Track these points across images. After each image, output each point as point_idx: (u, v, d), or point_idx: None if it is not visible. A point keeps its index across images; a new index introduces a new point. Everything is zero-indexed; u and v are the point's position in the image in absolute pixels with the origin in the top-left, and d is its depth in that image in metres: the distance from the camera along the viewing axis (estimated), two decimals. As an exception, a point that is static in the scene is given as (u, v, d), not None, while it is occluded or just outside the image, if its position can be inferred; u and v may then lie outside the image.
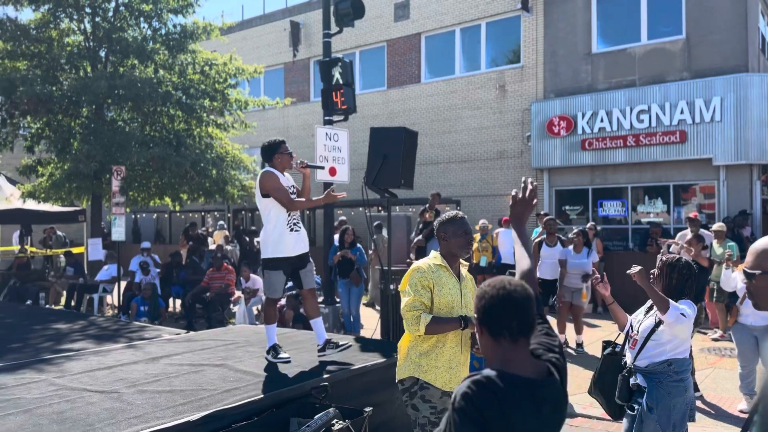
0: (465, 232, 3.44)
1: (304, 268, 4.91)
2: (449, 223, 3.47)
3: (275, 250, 4.76)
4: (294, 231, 4.82)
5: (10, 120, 11.67)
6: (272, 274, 4.82)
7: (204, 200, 12.66)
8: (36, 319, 7.44)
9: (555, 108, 14.82)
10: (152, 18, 12.15)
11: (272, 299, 4.96)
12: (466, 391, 1.64)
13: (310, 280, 4.94)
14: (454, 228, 3.44)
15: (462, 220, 3.47)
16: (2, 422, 3.45)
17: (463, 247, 3.44)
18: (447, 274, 3.42)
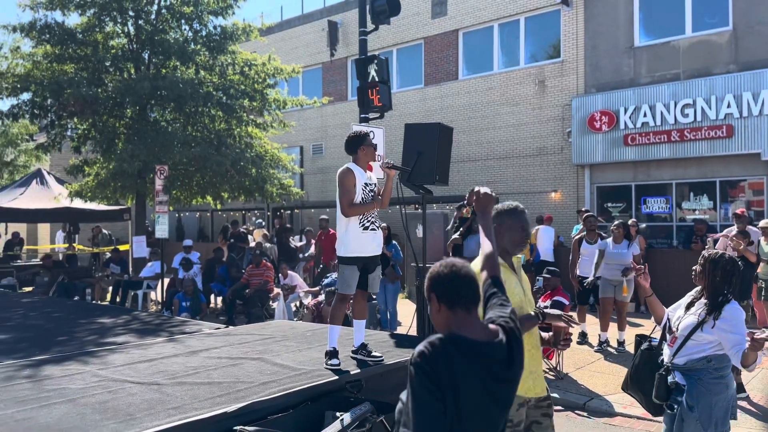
0: (522, 228, 3.14)
1: (372, 273, 4.75)
2: (507, 214, 3.16)
3: (348, 250, 4.62)
4: (370, 230, 4.65)
5: (58, 121, 12.09)
6: (346, 269, 4.64)
7: (244, 199, 12.87)
8: (82, 314, 7.69)
9: (596, 103, 14.55)
10: (193, 20, 12.40)
11: (344, 295, 4.73)
12: (423, 350, 1.86)
13: (375, 285, 4.79)
14: (512, 222, 3.14)
15: (522, 215, 3.16)
16: (48, 411, 3.57)
17: (518, 244, 3.15)
18: (508, 272, 3.13)
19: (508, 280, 3.08)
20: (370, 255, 4.66)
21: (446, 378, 1.84)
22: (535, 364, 3.15)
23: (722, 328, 3.38)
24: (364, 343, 4.77)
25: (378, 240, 4.73)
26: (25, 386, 4.12)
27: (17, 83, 11.49)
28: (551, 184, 15.68)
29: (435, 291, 2.02)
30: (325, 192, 20.29)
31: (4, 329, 6.51)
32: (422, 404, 1.83)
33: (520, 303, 3.09)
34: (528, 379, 3.09)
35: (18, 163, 22.27)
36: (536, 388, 3.15)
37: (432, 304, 2.04)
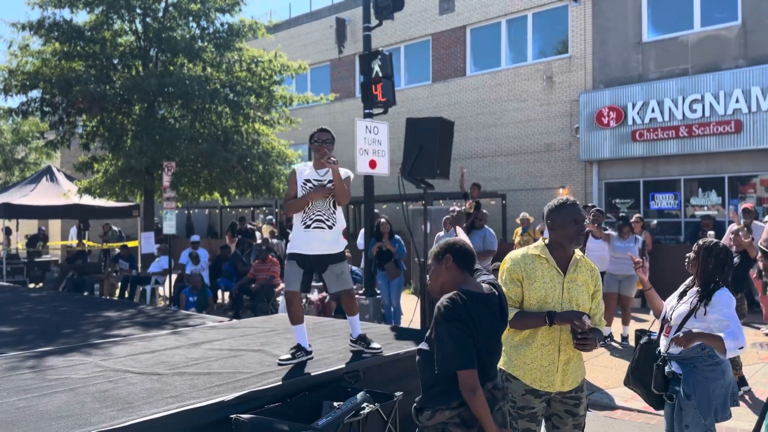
0: (575, 220, 3.06)
1: (325, 272, 4.58)
2: (557, 210, 3.11)
3: (290, 246, 4.60)
4: (314, 228, 4.48)
5: (67, 119, 12.20)
6: (288, 265, 4.59)
7: (251, 195, 12.94)
8: (89, 308, 7.78)
9: (604, 98, 14.49)
10: (200, 17, 12.46)
11: (290, 292, 4.55)
12: (448, 303, 2.55)
13: (333, 285, 4.60)
14: (563, 216, 3.08)
15: (572, 207, 3.10)
16: (49, 399, 3.64)
17: (573, 237, 3.07)
18: (545, 266, 3.10)
19: (542, 273, 3.09)
20: (312, 254, 4.49)
21: (467, 317, 2.52)
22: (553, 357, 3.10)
23: (712, 314, 3.39)
24: (362, 335, 4.75)
25: (324, 239, 4.49)
26: (28, 376, 4.19)
27: (26, 81, 11.62)
28: (559, 180, 15.64)
29: (451, 253, 2.71)
30: (333, 189, 20.33)
31: (12, 322, 6.61)
32: (456, 337, 2.51)
33: (542, 298, 3.06)
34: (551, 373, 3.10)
35: (29, 160, 22.52)
36: (559, 383, 3.12)
37: (443, 264, 2.72)
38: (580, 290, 3.10)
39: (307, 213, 4.49)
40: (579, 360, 3.21)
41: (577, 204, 3.14)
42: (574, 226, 3.06)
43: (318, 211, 4.49)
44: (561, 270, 3.11)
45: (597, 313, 3.20)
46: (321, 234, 4.49)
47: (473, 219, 9.24)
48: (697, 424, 3.37)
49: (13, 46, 11.99)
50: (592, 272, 3.20)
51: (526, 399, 3.12)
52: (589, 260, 3.27)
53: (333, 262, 4.57)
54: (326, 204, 4.52)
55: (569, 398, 3.15)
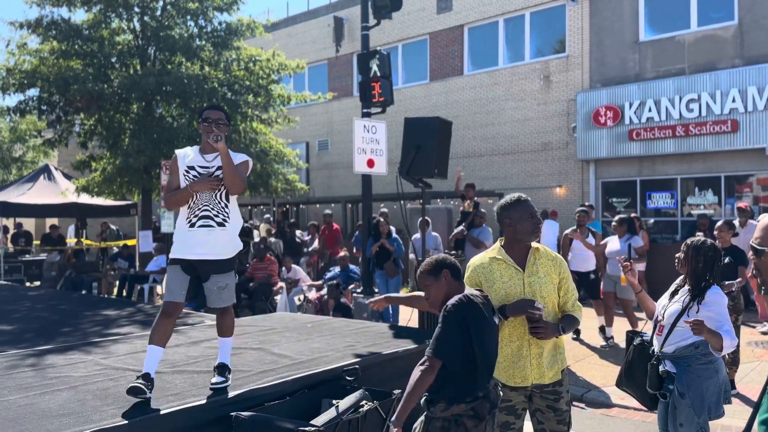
0: (531, 215, 3.16)
1: (206, 281, 3.75)
2: (513, 206, 3.19)
3: (172, 249, 3.77)
4: (199, 227, 3.67)
5: (64, 117, 12.21)
6: (168, 270, 3.76)
7: (249, 194, 12.95)
8: (87, 306, 7.79)
9: (601, 98, 14.54)
10: (198, 16, 12.47)
11: (168, 303, 3.67)
12: (456, 302, 2.77)
13: (213, 299, 3.79)
14: (519, 212, 3.16)
15: (527, 203, 3.20)
16: (50, 397, 3.66)
17: (531, 232, 3.16)
18: (502, 266, 3.18)
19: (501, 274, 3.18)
20: (194, 258, 3.68)
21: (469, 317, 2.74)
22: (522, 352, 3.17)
23: (705, 312, 3.43)
24: (226, 364, 3.88)
25: (210, 240, 3.67)
26: (29, 374, 4.21)
27: (24, 79, 11.61)
28: (556, 179, 15.69)
29: (448, 268, 2.94)
30: (330, 187, 20.37)
31: (11, 320, 6.62)
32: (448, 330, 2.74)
33: (504, 297, 3.13)
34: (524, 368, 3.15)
35: (26, 158, 22.49)
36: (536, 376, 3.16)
37: (441, 279, 2.92)
38: (542, 282, 3.16)
39: (192, 208, 3.67)
40: (555, 351, 3.23)
41: (530, 200, 3.25)
42: (531, 221, 3.17)
43: (204, 205, 3.67)
44: (519, 266, 3.18)
45: (568, 300, 3.23)
46: (208, 235, 3.66)
47: (472, 218, 9.29)
48: (691, 422, 3.41)
49: (11, 44, 12.01)
50: (554, 261, 3.24)
51: (503, 392, 3.17)
52: (549, 250, 3.32)
53: (217, 272, 3.73)
54: (215, 196, 3.69)
55: (548, 392, 3.17)
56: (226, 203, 3.73)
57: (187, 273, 3.71)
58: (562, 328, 3.13)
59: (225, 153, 3.59)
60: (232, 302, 3.89)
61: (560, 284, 3.22)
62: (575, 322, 3.24)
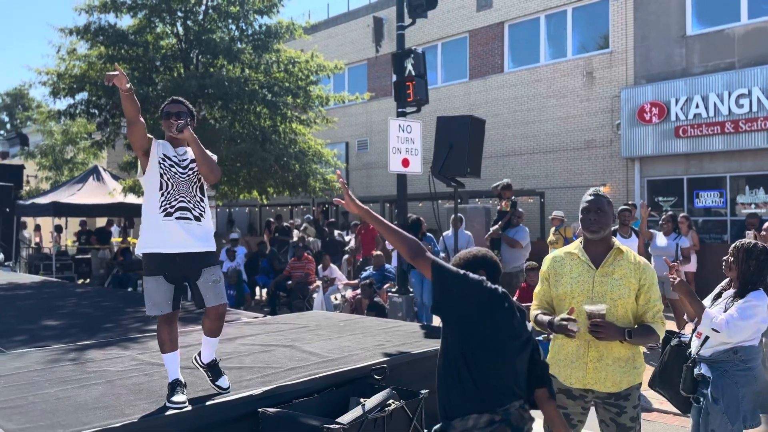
0: (586, 210, 3.07)
1: (199, 279, 3.53)
2: (582, 202, 3.14)
3: (144, 243, 3.50)
4: (176, 219, 3.46)
5: (111, 120, 12.58)
6: (147, 281, 3.51)
7: (288, 193, 13.12)
8: (130, 303, 8.03)
9: (646, 94, 14.16)
10: (239, 19, 12.67)
11: (161, 317, 3.56)
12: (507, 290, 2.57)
13: (211, 296, 3.57)
14: (581, 206, 3.12)
15: (590, 199, 3.09)
16: (87, 391, 3.79)
17: (584, 228, 3.09)
18: (575, 262, 3.11)
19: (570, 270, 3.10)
20: (178, 251, 3.46)
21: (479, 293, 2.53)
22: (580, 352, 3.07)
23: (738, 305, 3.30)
24: (213, 362, 3.78)
25: (192, 232, 3.49)
26: (69, 368, 4.37)
27: (74, 84, 12.03)
28: (600, 177, 15.36)
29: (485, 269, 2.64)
30: (369, 187, 20.44)
31: (57, 316, 6.88)
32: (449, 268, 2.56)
33: (569, 294, 3.05)
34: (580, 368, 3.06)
35: (77, 160, 23.30)
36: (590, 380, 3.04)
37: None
38: (616, 284, 3.02)
39: (167, 197, 3.46)
40: (626, 363, 3.06)
41: (598, 194, 3.11)
42: (585, 215, 3.09)
43: (181, 196, 3.49)
44: (593, 264, 3.07)
45: (648, 310, 3.04)
46: (187, 227, 3.47)
47: (509, 217, 9.18)
48: (724, 429, 3.29)
49: (62, 50, 12.43)
50: (637, 266, 3.06)
51: (560, 398, 3.09)
52: (637, 255, 3.15)
53: (207, 264, 3.55)
54: (191, 188, 3.54)
55: (610, 404, 3.06)
56: (201, 197, 3.60)
57: (170, 282, 3.51)
58: (629, 333, 2.93)
59: (192, 139, 3.42)
60: (223, 300, 3.65)
61: (640, 291, 3.04)
62: (650, 334, 3.02)
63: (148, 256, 3.51)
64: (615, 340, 2.97)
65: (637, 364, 3.10)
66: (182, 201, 3.48)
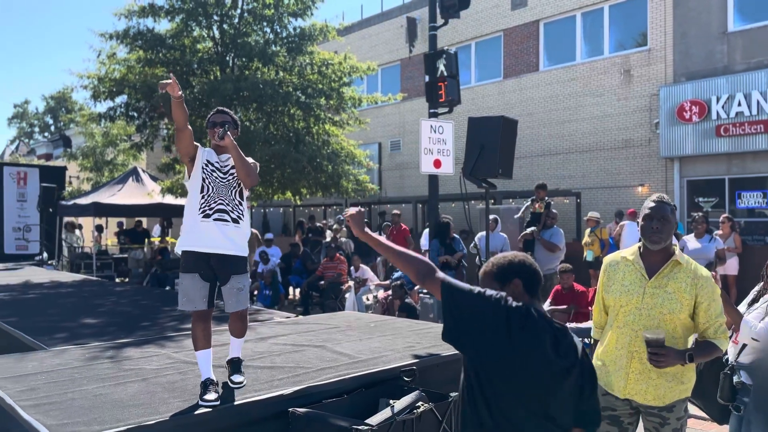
0: (649, 216, 2.90)
1: (225, 284, 3.66)
2: (644, 206, 2.99)
3: (182, 241, 3.69)
4: (213, 220, 3.62)
5: (150, 122, 12.87)
6: (184, 278, 3.66)
7: (321, 194, 13.21)
8: (167, 302, 8.19)
9: (686, 92, 13.84)
10: (273, 22, 12.82)
11: (195, 313, 3.68)
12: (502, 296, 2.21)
13: (232, 303, 3.68)
14: (643, 212, 2.95)
15: (655, 205, 2.92)
16: (124, 388, 3.88)
17: (645, 235, 2.92)
18: (629, 269, 2.99)
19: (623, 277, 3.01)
20: (212, 252, 3.61)
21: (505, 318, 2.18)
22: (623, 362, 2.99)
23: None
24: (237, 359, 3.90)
25: (227, 233, 3.63)
26: (107, 365, 4.48)
27: (113, 87, 12.35)
28: (638, 177, 15.08)
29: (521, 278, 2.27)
30: (402, 187, 20.44)
31: (97, 314, 7.07)
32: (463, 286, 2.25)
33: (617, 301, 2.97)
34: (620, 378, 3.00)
35: (117, 161, 23.90)
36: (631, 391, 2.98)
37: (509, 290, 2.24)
38: (668, 298, 2.89)
39: (206, 200, 3.63)
40: (667, 375, 2.92)
41: (662, 201, 2.93)
42: (645, 222, 2.94)
43: (220, 199, 3.65)
44: (647, 274, 2.94)
45: (709, 326, 2.91)
46: (224, 229, 3.62)
47: (544, 219, 9.08)
48: (766, 437, 3.19)
49: (102, 54, 12.76)
50: (696, 280, 2.89)
51: (607, 399, 3.02)
52: (700, 268, 2.97)
53: (237, 272, 3.68)
54: (231, 192, 3.69)
55: (652, 415, 2.97)
56: (240, 200, 3.74)
57: (205, 280, 3.65)
58: (690, 356, 2.81)
59: (232, 146, 3.56)
60: (245, 307, 3.76)
61: (698, 308, 2.90)
62: (713, 351, 2.90)
63: (185, 253, 3.68)
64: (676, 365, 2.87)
65: (686, 378, 2.99)
66: (221, 204, 3.64)
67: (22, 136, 53.93)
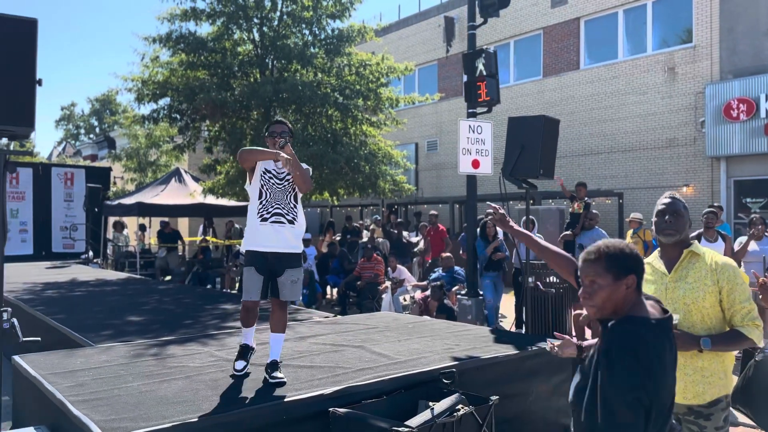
0: (662, 212, 2.93)
1: (281, 276, 4.07)
2: (657, 204, 3.00)
3: (246, 242, 4.16)
4: (271, 223, 4.04)
5: (192, 124, 13.11)
6: (245, 272, 4.15)
7: (358, 194, 13.26)
8: (208, 300, 8.34)
9: (733, 90, 13.43)
10: (312, 24, 12.92)
11: (247, 302, 4.15)
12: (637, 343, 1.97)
13: (287, 293, 4.10)
14: (656, 209, 2.99)
15: (668, 201, 2.95)
16: (168, 385, 3.96)
17: (659, 229, 2.95)
18: (650, 271, 2.98)
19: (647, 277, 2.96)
20: (270, 251, 4.04)
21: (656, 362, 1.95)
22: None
23: None
24: (274, 361, 4.08)
25: (283, 234, 4.05)
26: (151, 363, 4.58)
27: (157, 90, 12.61)
28: (682, 177, 14.70)
29: (637, 273, 2.08)
30: (439, 187, 20.36)
31: (141, 312, 7.23)
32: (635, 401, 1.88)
33: None
34: None
35: (160, 162, 24.42)
36: None
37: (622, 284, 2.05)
38: (689, 288, 2.85)
39: (264, 205, 4.05)
40: (703, 371, 2.84)
41: (674, 198, 2.96)
42: (658, 217, 2.95)
43: (277, 203, 4.07)
44: (668, 269, 2.95)
45: (735, 313, 2.80)
46: (280, 229, 4.05)
47: (583, 220, 8.92)
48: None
49: (146, 58, 13.06)
50: (714, 268, 2.85)
51: None
52: (717, 255, 2.94)
53: (292, 266, 4.11)
54: (286, 197, 4.11)
55: (689, 422, 2.87)
56: (295, 204, 4.15)
57: (261, 273, 4.07)
58: (704, 341, 2.73)
59: (292, 155, 3.98)
60: (297, 297, 4.24)
61: (722, 295, 2.83)
62: (738, 340, 2.78)
63: (247, 252, 4.15)
64: (690, 351, 2.80)
65: (719, 373, 2.88)
66: (277, 208, 4.07)
67: (68, 138, 55.60)
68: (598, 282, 2.06)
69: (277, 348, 4.12)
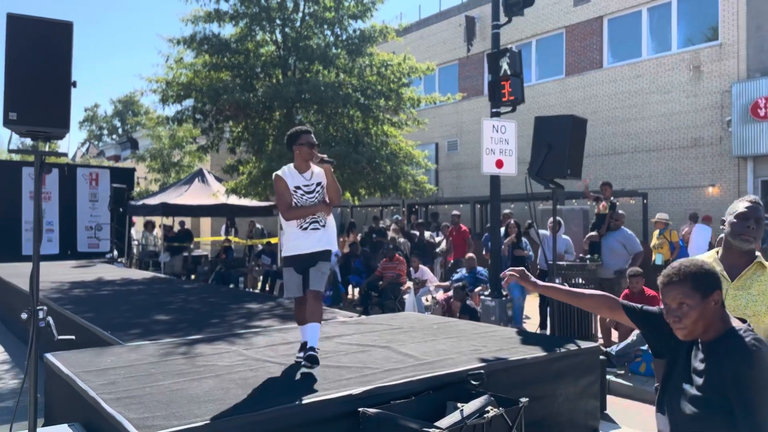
0: (745, 216, 2.77)
1: (313, 266, 4.53)
2: (732, 205, 2.86)
3: (286, 249, 4.65)
4: (310, 230, 4.55)
5: (215, 125, 13.20)
6: (285, 272, 4.67)
7: (380, 195, 13.26)
8: (234, 300, 8.40)
9: (761, 88, 13.22)
10: (334, 25, 12.94)
11: (296, 301, 4.71)
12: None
13: (315, 281, 4.50)
14: (732, 211, 2.83)
15: (751, 205, 2.79)
16: (198, 384, 4.00)
17: (738, 232, 2.79)
18: None
19: None
20: (308, 252, 4.55)
21: None
22: None
23: None
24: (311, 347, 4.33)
25: (318, 237, 4.57)
26: (181, 362, 4.63)
27: (181, 91, 12.71)
28: (708, 177, 14.50)
29: (720, 287, 2.06)
30: (459, 188, 20.30)
31: (167, 311, 7.30)
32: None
33: None
34: None
35: (183, 163, 24.65)
36: None
37: (710, 301, 2.03)
38: (752, 300, 2.77)
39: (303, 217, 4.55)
40: None
41: (758, 203, 2.82)
42: (738, 221, 2.79)
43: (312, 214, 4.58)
44: (729, 276, 2.83)
45: None
46: (315, 234, 4.58)
47: (609, 220, 8.82)
48: None
49: (170, 59, 13.18)
50: None
51: None
52: None
53: (322, 259, 4.60)
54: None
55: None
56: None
57: (299, 272, 4.57)
58: None
59: (329, 171, 4.49)
60: (322, 288, 4.56)
61: None
62: None
63: (287, 257, 4.63)
64: None
65: None
66: (313, 217, 4.55)
67: (92, 139, 56.35)
68: (687, 303, 2.02)
69: (311, 336, 4.34)
